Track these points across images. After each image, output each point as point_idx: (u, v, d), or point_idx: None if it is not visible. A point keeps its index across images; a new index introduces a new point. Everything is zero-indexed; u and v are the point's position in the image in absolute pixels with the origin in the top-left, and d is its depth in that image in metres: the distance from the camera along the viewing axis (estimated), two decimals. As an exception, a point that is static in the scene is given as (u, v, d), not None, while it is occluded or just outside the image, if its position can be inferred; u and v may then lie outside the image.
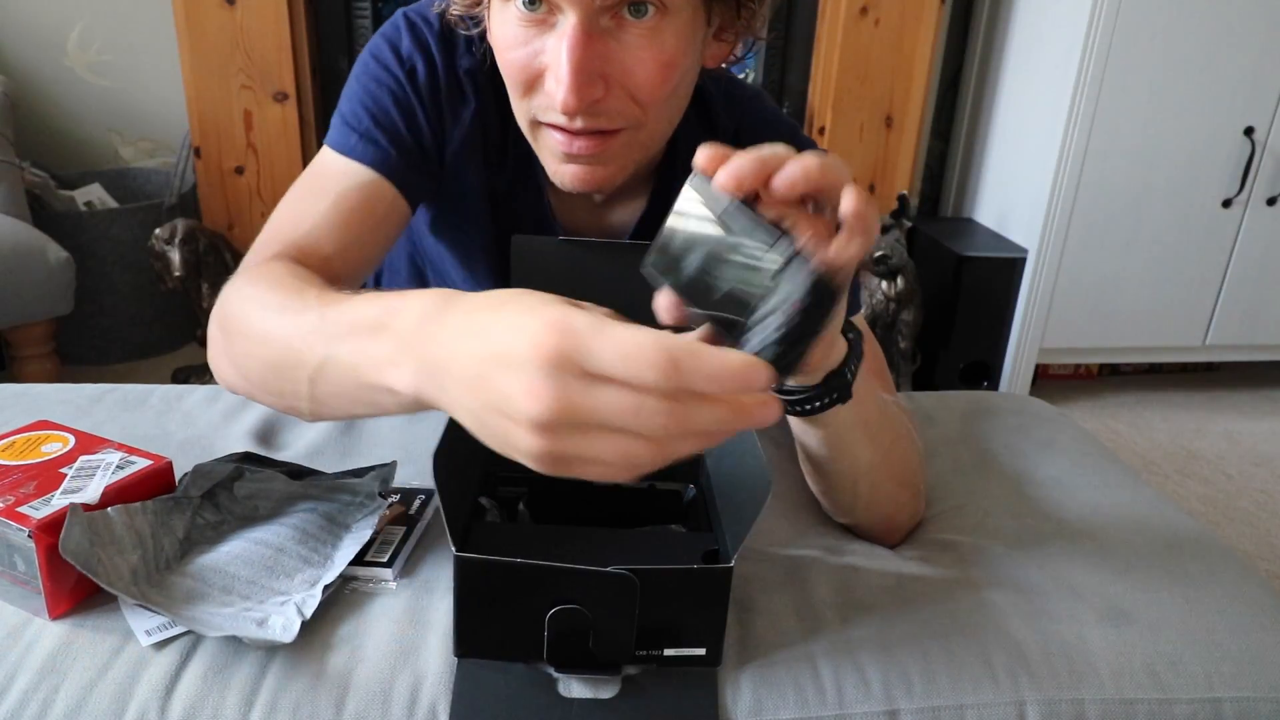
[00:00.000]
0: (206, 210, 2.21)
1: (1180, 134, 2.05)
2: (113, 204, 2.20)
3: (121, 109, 2.34)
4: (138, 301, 2.16)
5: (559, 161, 0.68)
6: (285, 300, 0.55)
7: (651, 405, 0.36)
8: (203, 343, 2.15)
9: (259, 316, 0.56)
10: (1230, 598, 0.66)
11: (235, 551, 0.61)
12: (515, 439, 0.38)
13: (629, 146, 0.68)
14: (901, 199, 2.10)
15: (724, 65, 0.73)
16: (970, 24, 2.45)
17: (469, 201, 0.80)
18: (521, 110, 0.68)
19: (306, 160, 2.18)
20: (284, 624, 0.55)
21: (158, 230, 1.93)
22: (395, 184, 0.72)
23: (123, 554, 0.58)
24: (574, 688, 0.54)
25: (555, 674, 0.54)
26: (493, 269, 0.86)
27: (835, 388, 0.57)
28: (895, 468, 0.71)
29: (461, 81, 0.75)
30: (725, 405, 0.37)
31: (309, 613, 0.56)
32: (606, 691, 0.53)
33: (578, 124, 0.64)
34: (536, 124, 0.68)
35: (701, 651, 0.54)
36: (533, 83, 0.65)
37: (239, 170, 2.18)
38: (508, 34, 0.64)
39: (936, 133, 2.57)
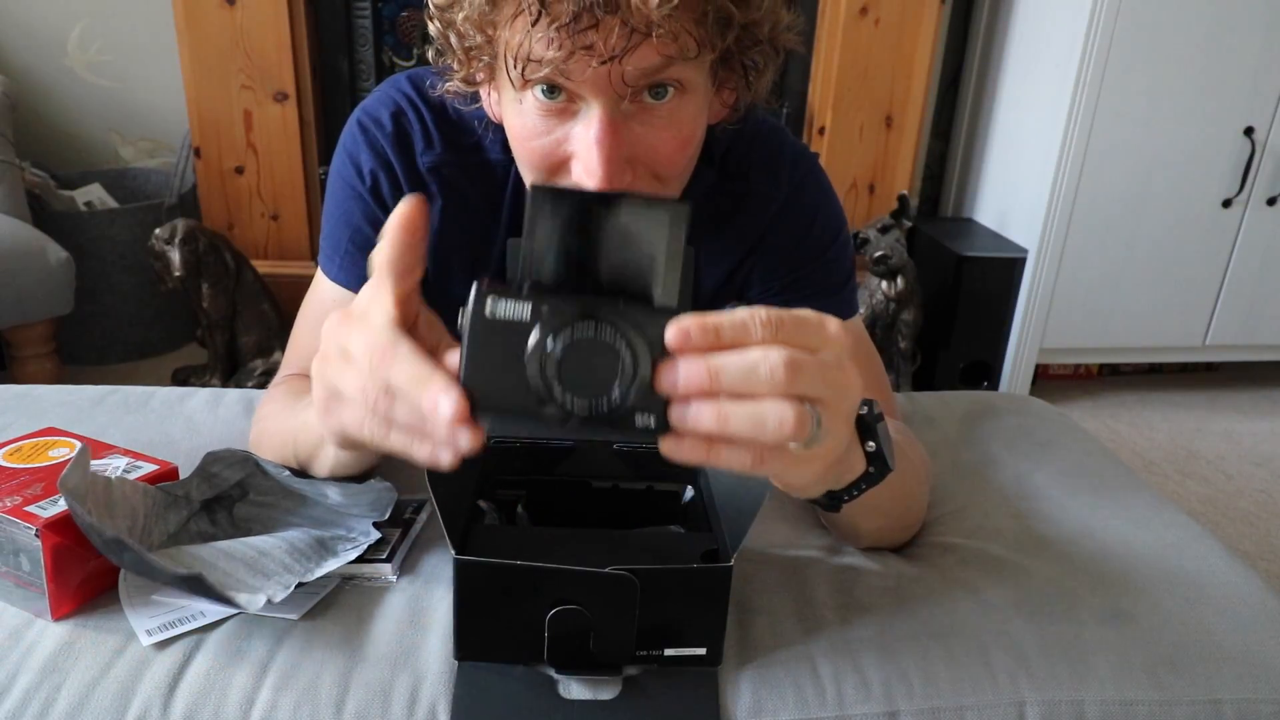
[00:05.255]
0: (206, 210, 2.21)
1: (1180, 134, 2.05)
2: (113, 204, 2.20)
3: (121, 109, 2.34)
4: (138, 301, 2.16)
5: None
6: (279, 409, 0.71)
7: (366, 384, 0.44)
8: (203, 343, 2.15)
9: (267, 425, 0.72)
10: (1230, 598, 0.66)
11: (220, 547, 0.61)
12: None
13: None
14: (901, 199, 2.10)
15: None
16: (970, 24, 2.45)
17: (455, 290, 0.81)
18: None
19: (307, 160, 2.18)
20: (247, 599, 0.55)
21: (158, 230, 1.93)
22: None
23: (112, 518, 0.58)
24: (574, 689, 0.54)
25: (555, 675, 0.54)
26: None
27: (825, 505, 0.58)
28: (902, 522, 0.71)
29: (424, 180, 0.75)
30: (419, 411, 0.42)
31: (277, 599, 0.56)
32: (607, 692, 0.53)
33: None
34: None
35: (702, 651, 0.55)
36: (555, 169, 0.64)
37: (239, 170, 2.18)
38: (527, 124, 0.63)
39: (936, 133, 2.57)
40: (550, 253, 0.43)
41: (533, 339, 0.41)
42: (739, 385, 0.40)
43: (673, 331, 0.40)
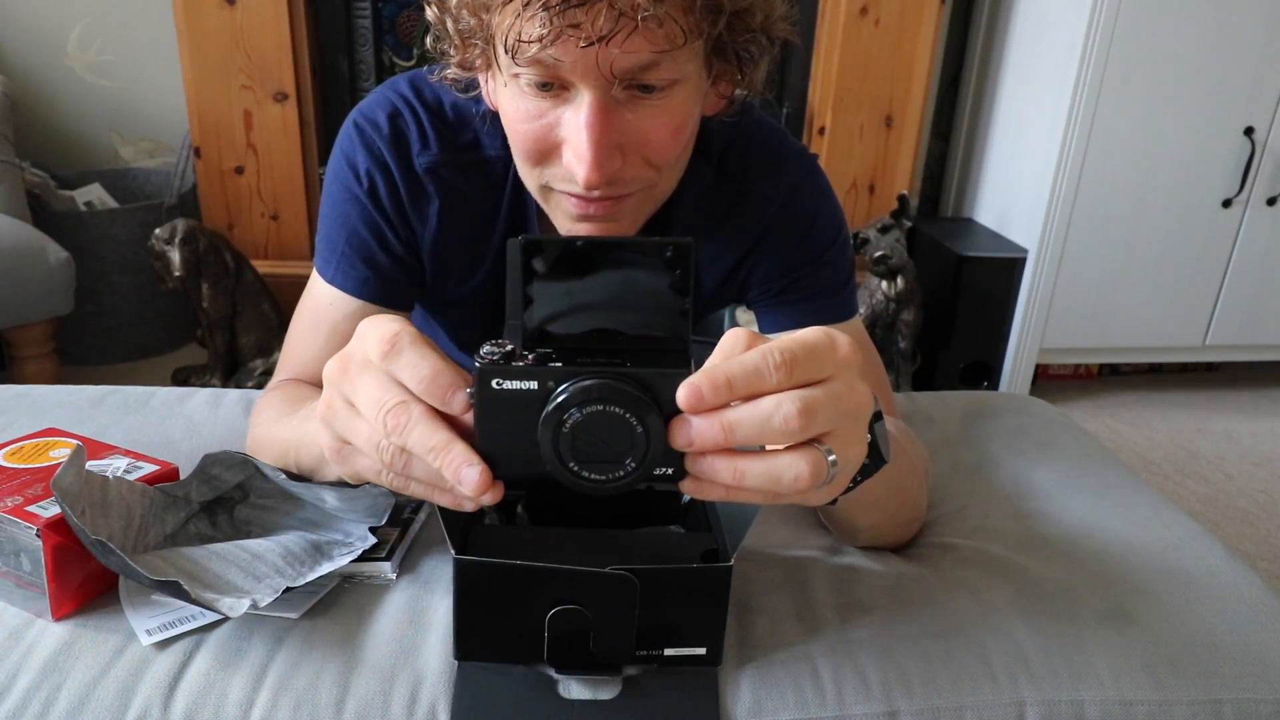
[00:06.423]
0: (206, 210, 2.21)
1: (1180, 134, 2.05)
2: (113, 204, 2.20)
3: (121, 109, 2.34)
4: (138, 301, 2.16)
5: (573, 221, 0.68)
6: (278, 415, 0.70)
7: (381, 441, 0.43)
8: (202, 343, 2.15)
9: (265, 431, 0.71)
10: (1230, 597, 0.66)
11: (214, 549, 0.61)
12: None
13: (642, 203, 0.68)
14: (901, 199, 2.10)
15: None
16: (970, 24, 2.45)
17: (452, 286, 0.81)
18: (532, 177, 0.67)
19: (307, 160, 2.18)
20: (231, 604, 0.55)
21: (158, 230, 1.93)
22: (379, 303, 0.77)
23: (106, 518, 0.58)
24: (574, 689, 0.54)
25: (555, 675, 0.54)
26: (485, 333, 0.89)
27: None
28: (900, 519, 0.71)
29: (421, 181, 0.75)
30: (438, 473, 0.42)
31: (262, 604, 0.56)
32: (607, 692, 0.53)
33: (595, 194, 0.64)
34: (549, 189, 0.67)
35: (702, 651, 0.54)
36: (547, 154, 0.64)
37: (239, 170, 2.18)
38: (519, 107, 0.63)
39: (936, 133, 2.57)
40: (546, 306, 0.43)
41: (542, 417, 0.41)
42: (754, 438, 0.41)
43: (684, 393, 0.40)
